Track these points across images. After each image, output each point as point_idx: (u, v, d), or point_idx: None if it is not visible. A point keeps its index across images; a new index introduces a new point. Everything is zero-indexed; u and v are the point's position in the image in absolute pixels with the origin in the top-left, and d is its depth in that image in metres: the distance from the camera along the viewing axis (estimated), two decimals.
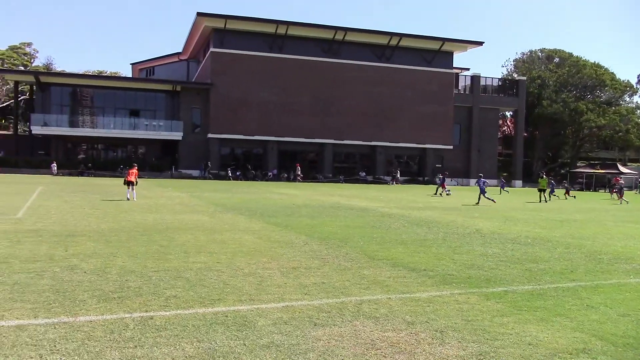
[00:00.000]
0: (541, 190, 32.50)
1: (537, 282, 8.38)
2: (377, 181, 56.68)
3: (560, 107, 69.52)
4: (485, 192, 27.29)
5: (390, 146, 59.20)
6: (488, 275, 8.80)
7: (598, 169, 66.75)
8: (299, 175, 52.48)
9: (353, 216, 18.14)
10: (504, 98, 66.42)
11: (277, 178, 53.64)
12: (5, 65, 76.41)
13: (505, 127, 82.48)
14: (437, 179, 31.47)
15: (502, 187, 42.72)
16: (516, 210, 23.81)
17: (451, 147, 61.22)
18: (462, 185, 59.91)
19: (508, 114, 79.79)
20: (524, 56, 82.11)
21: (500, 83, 67.52)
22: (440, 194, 33.94)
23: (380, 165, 58.89)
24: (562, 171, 74.48)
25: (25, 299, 6.30)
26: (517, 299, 7.26)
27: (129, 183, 21.99)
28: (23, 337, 5.01)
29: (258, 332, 5.45)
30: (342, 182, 53.54)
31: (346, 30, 55.11)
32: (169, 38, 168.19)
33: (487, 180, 30.00)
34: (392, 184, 54.98)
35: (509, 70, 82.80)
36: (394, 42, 57.32)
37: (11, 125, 69.53)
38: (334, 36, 55.41)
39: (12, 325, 5.37)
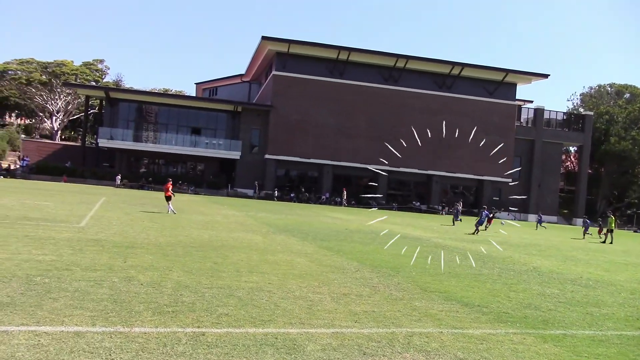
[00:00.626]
0: (610, 231, 30.75)
1: (599, 328, 7.96)
2: (431, 210, 55.77)
3: (630, 144, 66.62)
4: (482, 222, 28.10)
5: (447, 176, 58.29)
6: (546, 316, 8.43)
7: None
8: (344, 200, 52.59)
9: (407, 245, 17.87)
10: (568, 133, 64.34)
11: (329, 201, 53.75)
12: (79, 80, 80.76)
13: (569, 163, 79.73)
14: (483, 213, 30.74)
15: (540, 222, 41.16)
16: (577, 250, 22.81)
17: (510, 180, 59.62)
18: (520, 220, 58.03)
19: (572, 149, 77.18)
20: (592, 90, 79.58)
21: (565, 117, 65.51)
22: (486, 228, 32.49)
23: (435, 194, 58.00)
24: (629, 211, 71.01)
25: (85, 307, 6.53)
26: (577, 343, 6.92)
27: (167, 198, 22.74)
28: (81, 344, 5.18)
29: (307, 357, 5.42)
30: (395, 210, 53.00)
31: (408, 58, 55.16)
32: (233, 60, 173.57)
33: (488, 212, 30.02)
34: (442, 214, 53.95)
35: (575, 104, 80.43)
36: (455, 71, 56.88)
37: (80, 137, 73.22)
38: (395, 64, 55.57)
39: (71, 331, 5.57)
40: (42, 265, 8.79)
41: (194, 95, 78.44)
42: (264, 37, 52.41)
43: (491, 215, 32.90)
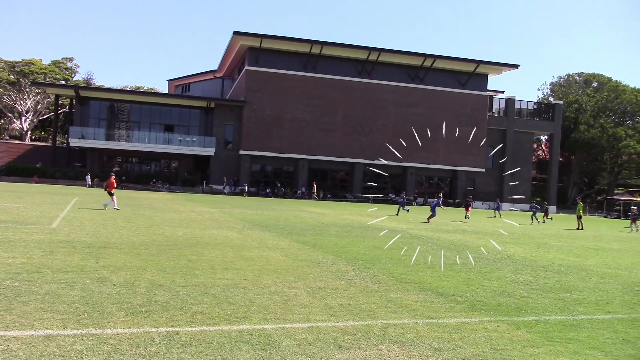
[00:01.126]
0: (579, 217, 31.48)
1: (570, 313, 8.13)
2: (408, 202, 56.18)
3: (598, 132, 68.14)
4: (435, 213, 28.40)
5: (422, 167, 58.82)
6: (519, 303, 8.58)
7: (637, 197, 64.86)
8: (314, 194, 52.79)
9: (382, 237, 17.99)
10: (539, 122, 65.43)
11: (306, 196, 53.80)
12: (48, 79, 79.08)
13: (540, 152, 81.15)
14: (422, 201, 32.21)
15: (535, 213, 41.57)
16: (550, 237, 23.25)
17: (483, 170, 60.48)
18: (493, 209, 58.91)
19: (543, 138, 78.56)
20: (561, 80, 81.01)
21: (535, 106, 66.57)
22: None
23: (411, 186, 58.49)
24: (599, 198, 72.64)
25: (56, 310, 6.41)
26: (549, 329, 7.05)
27: (110, 193, 22.51)
28: (51, 348, 5.08)
29: (282, 353, 5.41)
30: (371, 202, 53.28)
31: (380, 50, 55.36)
32: (205, 56, 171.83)
33: (441, 202, 30.92)
34: (415, 204, 54.43)
35: (545, 93, 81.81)
36: (427, 63, 57.31)
37: (50, 137, 71.78)
38: (368, 57, 55.73)
39: (42, 335, 5.46)
40: (11, 269, 8.60)
41: (167, 92, 77.55)
42: (235, 32, 51.98)
43: (469, 204, 34.16)
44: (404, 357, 5.52)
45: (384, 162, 56.31)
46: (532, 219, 34.97)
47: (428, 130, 47.89)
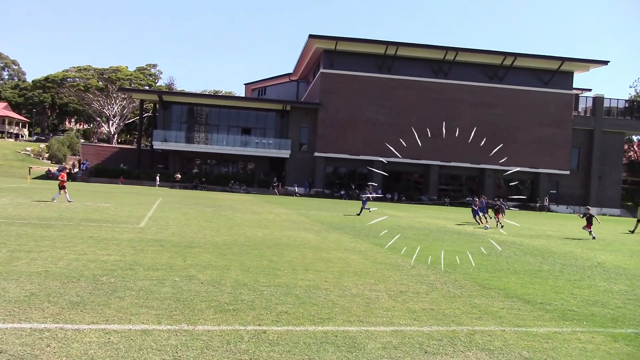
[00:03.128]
0: (638, 221, 28.83)
1: None
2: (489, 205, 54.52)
3: None
4: (365, 205, 28.75)
5: (501, 169, 56.89)
6: (615, 314, 8.09)
7: None
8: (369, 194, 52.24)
9: (461, 241, 17.57)
10: (631, 121, 61.39)
11: (381, 199, 53.49)
12: (133, 85, 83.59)
13: (632, 153, 76.24)
14: (362, 195, 30.80)
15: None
16: None
17: (568, 172, 57.62)
18: (578, 214, 55.95)
19: (635, 138, 73.73)
20: None
21: (627, 105, 62.53)
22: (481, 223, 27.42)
23: (489, 188, 56.73)
24: None
25: (150, 305, 6.73)
26: None
27: (61, 187, 23.10)
28: (148, 342, 5.34)
29: (368, 355, 5.40)
30: (447, 205, 52.19)
31: (457, 50, 54.13)
32: (281, 60, 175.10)
33: (370, 195, 30.52)
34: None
35: (638, 91, 76.75)
36: (508, 62, 55.39)
37: (135, 140, 75.68)
38: (445, 56, 54.65)
39: (139, 329, 5.75)
40: (107, 265, 9.12)
41: (244, 95, 79.67)
42: (311, 36, 52.58)
43: (496, 206, 26.72)
44: None
45: (458, 164, 55.03)
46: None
47: (506, 131, 46.18)
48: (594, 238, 21.87)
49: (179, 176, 53.66)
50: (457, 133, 53.74)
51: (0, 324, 5.61)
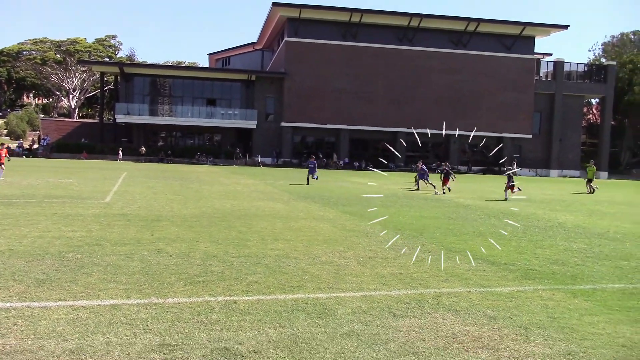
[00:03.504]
0: (589, 180, 29.87)
1: (629, 281, 7.92)
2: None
3: None
4: (314, 173, 28.27)
5: (465, 135, 57.68)
6: (574, 271, 8.41)
7: None
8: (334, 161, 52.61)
9: (428, 206, 17.87)
10: (590, 84, 62.71)
11: (348, 166, 53.76)
12: (92, 57, 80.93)
13: (591, 115, 78.16)
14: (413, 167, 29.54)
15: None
16: (602, 204, 22.54)
17: (530, 136, 58.84)
18: (541, 176, 57.47)
19: (594, 101, 75.53)
20: (614, 40, 77.31)
21: (586, 69, 63.73)
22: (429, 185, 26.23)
23: (454, 154, 57.57)
24: None
25: (118, 280, 6.68)
26: (607, 297, 6.90)
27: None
28: (118, 316, 5.32)
29: (338, 321, 5.50)
30: (414, 172, 52.83)
31: (422, 16, 54.00)
32: (244, 29, 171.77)
33: (315, 162, 29.62)
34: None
35: (597, 55, 78.31)
36: (471, 27, 55.58)
37: (97, 114, 73.78)
38: (409, 23, 54.47)
39: (108, 304, 5.71)
40: (72, 242, 8.98)
41: (208, 66, 78.15)
42: (274, 3, 51.62)
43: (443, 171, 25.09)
44: (459, 326, 5.52)
45: (425, 131, 55.56)
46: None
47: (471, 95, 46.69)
48: (443, 193, 24.01)
49: (144, 150, 52.72)
50: (422, 100, 54.16)
51: None
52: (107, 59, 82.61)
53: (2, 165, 22.25)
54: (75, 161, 45.50)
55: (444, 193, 24.08)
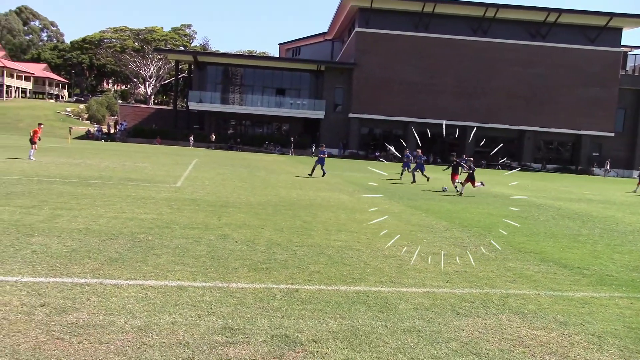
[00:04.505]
0: None
1: None
2: (524, 168, 53.49)
3: None
4: (323, 164, 24.69)
5: (541, 131, 55.38)
6: None
7: None
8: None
9: (497, 204, 17.31)
10: None
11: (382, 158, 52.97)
12: (168, 46, 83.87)
13: None
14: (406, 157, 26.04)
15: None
16: None
17: (612, 134, 55.66)
18: (623, 177, 54.31)
19: None
20: None
21: None
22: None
23: (528, 151, 55.44)
24: None
25: (185, 263, 6.89)
26: None
27: (33, 142, 22.09)
28: (184, 298, 5.48)
29: (399, 316, 5.41)
30: (483, 168, 51.35)
31: (498, 7, 52.15)
32: (316, 19, 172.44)
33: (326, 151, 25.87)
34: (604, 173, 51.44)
35: None
36: (551, 18, 53.13)
37: (171, 101, 76.47)
38: (485, 13, 52.76)
39: (175, 285, 5.90)
40: (144, 224, 9.34)
41: (278, 55, 79.11)
42: None
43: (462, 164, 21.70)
44: (526, 329, 5.30)
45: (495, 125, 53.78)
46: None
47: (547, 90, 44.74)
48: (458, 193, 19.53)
49: (214, 137, 54.17)
50: (495, 93, 52.43)
51: (43, 278, 5.83)
52: (182, 48, 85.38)
53: (35, 145, 22.22)
54: (149, 146, 47.46)
55: (457, 190, 20.25)
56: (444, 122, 49.29)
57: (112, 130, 57.49)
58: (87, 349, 4.11)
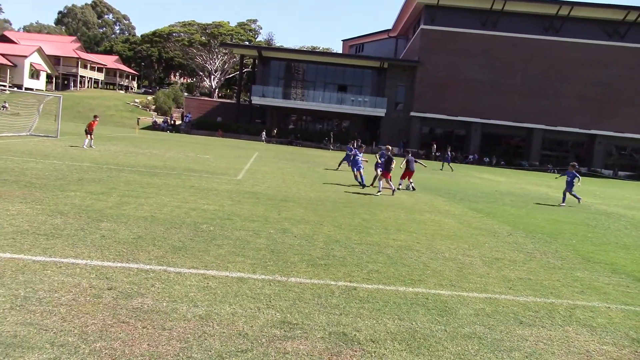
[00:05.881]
0: None
1: None
2: (592, 174, 51.18)
3: None
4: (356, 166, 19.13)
5: (613, 136, 52.73)
6: None
7: None
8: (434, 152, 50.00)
9: (564, 210, 16.62)
10: None
11: (478, 161, 51.68)
12: (234, 40, 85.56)
13: None
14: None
15: (447, 161, 36.67)
16: None
17: None
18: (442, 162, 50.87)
19: None
20: None
21: None
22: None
23: (598, 156, 52.96)
24: None
25: (245, 254, 6.99)
26: None
27: (89, 132, 22.29)
28: (244, 289, 5.56)
29: (459, 320, 5.28)
30: (550, 172, 49.48)
31: (572, 4, 49.95)
32: (380, 16, 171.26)
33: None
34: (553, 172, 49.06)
35: None
36: (632, 17, 50.39)
37: (235, 94, 78.00)
38: (557, 12, 50.67)
39: (235, 276, 5.99)
40: (206, 214, 9.56)
41: (341, 52, 79.08)
42: None
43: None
44: (595, 344, 5.04)
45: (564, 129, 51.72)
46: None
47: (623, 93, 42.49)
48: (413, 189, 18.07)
49: (275, 131, 54.81)
50: (565, 94, 50.38)
51: (111, 262, 6.06)
52: (247, 43, 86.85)
53: (92, 135, 22.76)
54: (212, 138, 48.63)
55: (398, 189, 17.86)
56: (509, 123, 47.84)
57: (177, 122, 59.28)
58: (151, 334, 4.23)
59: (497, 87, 52.41)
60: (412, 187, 18.53)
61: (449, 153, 36.91)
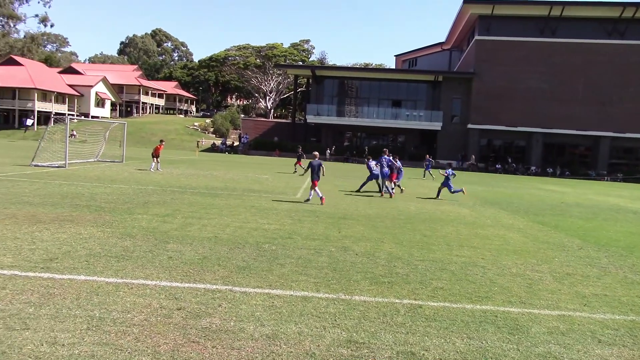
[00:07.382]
0: None
1: None
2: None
3: None
4: (399, 177, 19.86)
5: None
6: None
7: None
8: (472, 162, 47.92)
9: (638, 221, 15.77)
10: None
11: (541, 172, 49.98)
12: (288, 61, 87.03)
13: None
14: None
15: (427, 168, 34.86)
16: None
17: None
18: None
19: None
20: None
21: None
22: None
23: None
24: None
25: (308, 273, 7.00)
26: None
27: (156, 156, 23.83)
28: (309, 308, 5.56)
29: (532, 339, 5.07)
30: (620, 181, 47.21)
31: (638, 5, 47.89)
32: (432, 29, 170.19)
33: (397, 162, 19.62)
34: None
35: None
36: None
37: (290, 114, 79.12)
38: (621, 14, 48.72)
39: (299, 295, 6.01)
40: (268, 234, 9.67)
41: (394, 67, 78.90)
42: (465, 1, 50.17)
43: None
44: None
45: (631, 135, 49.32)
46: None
47: None
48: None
49: (330, 149, 55.05)
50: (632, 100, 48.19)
51: (179, 283, 6.22)
52: (301, 63, 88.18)
53: (158, 158, 24.27)
54: (269, 158, 49.37)
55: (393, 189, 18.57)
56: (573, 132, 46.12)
57: (235, 143, 60.64)
58: (220, 353, 4.29)
59: (558, 95, 50.74)
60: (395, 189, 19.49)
61: (429, 160, 34.70)
